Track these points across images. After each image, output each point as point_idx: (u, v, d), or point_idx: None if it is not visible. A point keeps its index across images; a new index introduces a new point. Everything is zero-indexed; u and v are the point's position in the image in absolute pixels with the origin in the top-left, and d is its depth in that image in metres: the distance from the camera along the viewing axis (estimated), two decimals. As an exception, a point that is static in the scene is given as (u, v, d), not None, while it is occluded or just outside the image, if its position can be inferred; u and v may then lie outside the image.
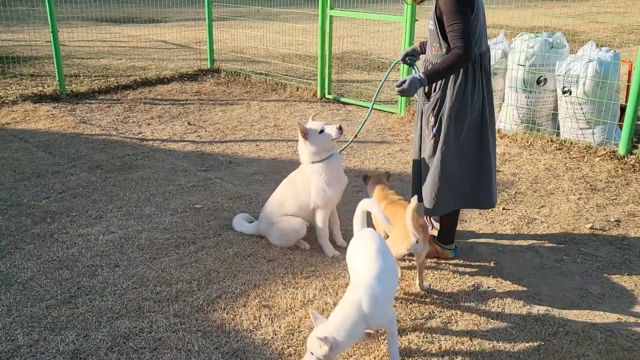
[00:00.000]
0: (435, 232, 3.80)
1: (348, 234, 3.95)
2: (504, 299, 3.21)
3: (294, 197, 3.70)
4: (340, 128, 3.54)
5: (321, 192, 3.59)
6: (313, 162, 3.60)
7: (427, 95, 3.44)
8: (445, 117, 3.31)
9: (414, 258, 3.27)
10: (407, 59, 3.69)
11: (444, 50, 3.25)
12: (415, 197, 3.13)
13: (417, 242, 3.10)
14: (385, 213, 3.04)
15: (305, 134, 3.53)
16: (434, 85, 3.35)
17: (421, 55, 3.69)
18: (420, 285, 3.27)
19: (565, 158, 5.40)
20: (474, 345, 2.83)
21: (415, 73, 3.37)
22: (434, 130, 3.38)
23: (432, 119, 3.39)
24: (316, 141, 3.54)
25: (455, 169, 3.40)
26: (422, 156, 3.55)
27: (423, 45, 3.65)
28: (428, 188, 3.47)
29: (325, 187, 3.58)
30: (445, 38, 3.20)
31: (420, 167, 3.60)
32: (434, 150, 3.41)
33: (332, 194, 3.60)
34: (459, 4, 3.06)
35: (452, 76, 3.25)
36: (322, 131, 3.53)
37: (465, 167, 3.42)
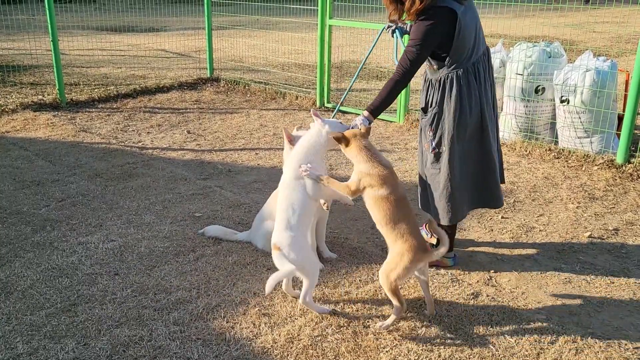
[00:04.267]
0: (433, 240, 3.81)
1: (347, 242, 3.96)
2: (503, 308, 3.22)
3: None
4: None
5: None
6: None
7: (424, 110, 3.46)
8: (446, 131, 3.34)
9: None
10: (393, 26, 3.77)
11: (435, 67, 3.34)
12: None
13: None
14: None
15: (292, 140, 3.56)
16: (430, 100, 3.40)
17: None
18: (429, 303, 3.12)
19: (564, 167, 5.42)
20: (474, 353, 2.83)
21: (398, 41, 3.74)
22: (433, 144, 3.41)
23: (430, 133, 3.42)
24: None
25: (463, 176, 3.44)
26: (423, 169, 3.57)
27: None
28: (440, 202, 3.47)
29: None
30: (434, 57, 3.29)
31: (425, 182, 3.61)
32: (437, 163, 3.43)
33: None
34: (423, 35, 3.16)
35: (447, 90, 3.30)
36: None
37: (470, 171, 3.47)
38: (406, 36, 3.75)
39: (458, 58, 3.24)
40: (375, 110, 3.32)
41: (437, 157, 3.42)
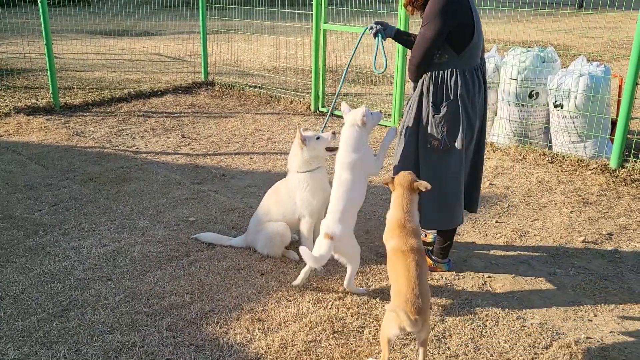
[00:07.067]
0: (429, 239, 3.82)
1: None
2: (498, 312, 3.22)
3: (277, 205, 3.78)
4: (334, 133, 3.70)
5: (306, 201, 3.66)
6: (299, 172, 3.67)
7: (436, 106, 3.35)
8: (462, 125, 3.28)
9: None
10: (376, 26, 3.69)
11: (446, 57, 3.26)
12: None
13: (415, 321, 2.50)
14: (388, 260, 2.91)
15: (304, 140, 3.63)
16: (442, 96, 3.32)
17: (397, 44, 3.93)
18: None
19: (558, 171, 5.44)
20: (468, 358, 2.83)
21: (379, 46, 3.71)
22: (446, 139, 3.31)
23: (443, 129, 3.30)
24: (313, 148, 3.64)
25: (461, 177, 3.41)
26: (423, 169, 3.48)
27: (400, 32, 3.68)
28: (444, 205, 3.43)
29: (309, 196, 3.66)
30: (452, 44, 3.23)
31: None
32: (444, 159, 3.36)
33: (316, 203, 3.66)
34: (439, 11, 3.15)
35: (459, 85, 3.26)
36: (318, 137, 3.66)
37: (466, 173, 3.45)
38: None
39: (474, 52, 3.26)
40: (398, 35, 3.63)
41: (446, 154, 3.33)
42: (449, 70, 3.27)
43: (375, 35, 3.67)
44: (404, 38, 3.64)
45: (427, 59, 3.28)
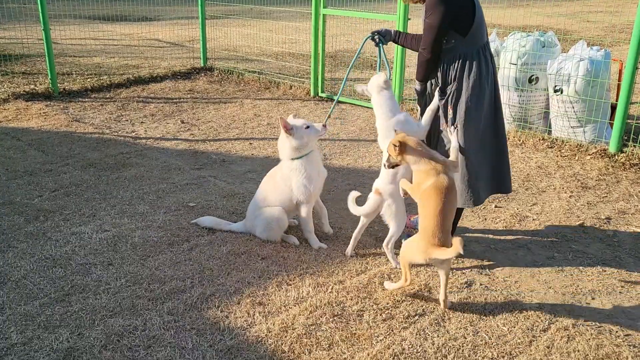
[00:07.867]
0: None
1: (341, 232, 3.97)
2: (496, 296, 3.24)
3: (274, 192, 3.79)
4: (324, 126, 3.69)
5: (302, 187, 3.67)
6: (293, 159, 3.66)
7: (442, 91, 3.41)
8: (463, 109, 3.31)
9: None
10: (376, 37, 3.79)
11: (453, 42, 3.30)
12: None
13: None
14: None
15: (289, 129, 3.60)
16: (449, 78, 3.37)
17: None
18: (444, 301, 3.12)
19: (557, 156, 5.44)
20: (467, 342, 2.86)
21: (381, 54, 3.79)
22: (455, 121, 3.36)
23: (450, 111, 3.37)
24: (301, 137, 3.61)
25: (480, 158, 3.40)
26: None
27: (398, 34, 3.76)
28: (459, 184, 3.42)
29: (306, 182, 3.66)
30: (456, 29, 3.28)
31: None
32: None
33: (313, 188, 3.68)
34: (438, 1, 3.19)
35: (466, 67, 3.30)
36: (308, 127, 3.63)
37: (487, 155, 3.44)
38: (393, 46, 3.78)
39: (478, 32, 3.28)
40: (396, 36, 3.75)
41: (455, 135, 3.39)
42: (458, 54, 3.32)
43: (377, 44, 3.81)
44: (402, 38, 3.75)
45: (437, 47, 3.31)
